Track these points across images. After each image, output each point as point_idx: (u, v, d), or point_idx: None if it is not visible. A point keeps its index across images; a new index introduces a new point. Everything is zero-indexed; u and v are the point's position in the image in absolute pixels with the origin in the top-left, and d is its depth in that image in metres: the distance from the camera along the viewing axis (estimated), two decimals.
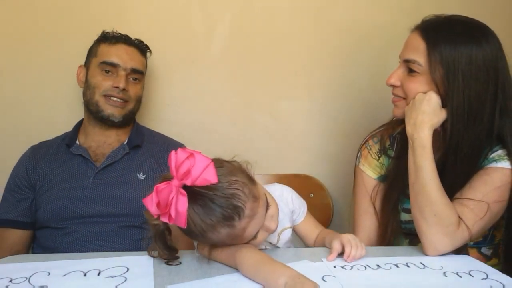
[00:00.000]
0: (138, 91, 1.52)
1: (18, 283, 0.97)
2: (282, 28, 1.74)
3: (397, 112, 1.25)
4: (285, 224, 1.16)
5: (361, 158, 1.37)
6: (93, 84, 1.47)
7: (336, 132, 1.80)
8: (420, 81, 1.17)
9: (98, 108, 1.47)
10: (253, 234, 1.00)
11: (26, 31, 1.67)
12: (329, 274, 1.00)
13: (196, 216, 0.93)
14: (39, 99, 1.71)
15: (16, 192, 1.47)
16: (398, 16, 1.69)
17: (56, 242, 1.40)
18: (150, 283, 0.96)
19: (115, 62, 1.46)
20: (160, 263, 1.06)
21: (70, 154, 1.48)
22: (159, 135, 1.60)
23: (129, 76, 1.49)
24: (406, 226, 1.30)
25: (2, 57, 1.68)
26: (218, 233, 0.95)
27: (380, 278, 1.00)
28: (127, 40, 1.51)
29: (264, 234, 1.04)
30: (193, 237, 1.02)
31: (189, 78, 1.74)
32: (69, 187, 1.43)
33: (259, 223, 0.99)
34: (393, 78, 1.22)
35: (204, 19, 1.72)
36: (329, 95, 1.78)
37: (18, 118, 1.71)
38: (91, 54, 1.52)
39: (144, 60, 1.56)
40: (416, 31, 1.19)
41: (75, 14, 1.68)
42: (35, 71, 1.69)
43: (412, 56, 1.17)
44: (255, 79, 1.75)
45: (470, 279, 0.99)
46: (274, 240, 1.15)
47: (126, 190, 1.43)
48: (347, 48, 1.76)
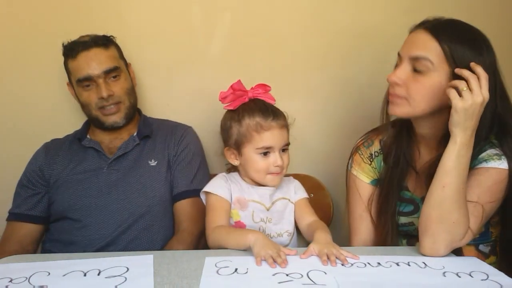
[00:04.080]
0: (123, 85, 1.52)
1: (18, 283, 0.97)
2: (282, 28, 1.74)
3: (396, 111, 1.21)
4: (283, 195, 1.33)
5: (353, 164, 1.37)
6: (83, 102, 1.51)
7: (336, 132, 1.80)
8: (426, 80, 1.14)
9: (100, 121, 1.51)
10: (268, 142, 1.25)
11: (26, 30, 1.68)
12: (325, 270, 1.02)
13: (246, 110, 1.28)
14: (41, 99, 1.71)
15: (28, 188, 1.52)
16: (398, 16, 1.69)
17: (72, 235, 1.42)
18: (150, 283, 0.96)
19: (87, 75, 1.46)
20: (160, 263, 1.07)
21: (82, 148, 1.52)
22: (166, 121, 1.64)
23: (107, 78, 1.48)
24: (402, 228, 1.30)
25: (4, 57, 1.69)
26: (251, 119, 1.25)
27: (377, 276, 1.00)
28: (84, 45, 1.47)
29: (274, 157, 1.25)
30: (230, 128, 1.29)
31: (189, 78, 1.74)
32: (84, 178, 1.47)
33: (274, 139, 1.25)
34: (396, 76, 1.17)
35: (204, 19, 1.72)
36: (329, 95, 1.78)
37: (20, 119, 1.72)
38: (67, 72, 1.54)
39: (113, 51, 1.52)
40: (423, 30, 1.16)
41: (75, 14, 1.68)
42: (36, 71, 1.70)
43: (422, 53, 1.14)
44: (255, 79, 1.74)
45: (469, 280, 0.98)
46: (267, 202, 1.29)
47: (139, 177, 1.47)
48: (347, 48, 1.76)
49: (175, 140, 1.55)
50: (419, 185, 1.28)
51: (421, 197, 1.27)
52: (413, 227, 1.28)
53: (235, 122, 1.28)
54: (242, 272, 1.02)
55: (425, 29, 1.16)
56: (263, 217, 1.29)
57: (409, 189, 1.30)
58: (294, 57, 1.75)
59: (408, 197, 1.30)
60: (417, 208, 1.28)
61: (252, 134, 1.26)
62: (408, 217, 1.29)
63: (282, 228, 1.31)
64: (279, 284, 0.95)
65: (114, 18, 1.69)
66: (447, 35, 1.13)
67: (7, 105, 1.72)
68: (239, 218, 1.28)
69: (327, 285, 0.95)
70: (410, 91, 1.16)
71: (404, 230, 1.30)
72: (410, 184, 1.30)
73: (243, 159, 1.29)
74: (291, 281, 0.97)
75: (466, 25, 1.18)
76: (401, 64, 1.18)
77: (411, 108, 1.18)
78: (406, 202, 1.29)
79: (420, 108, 1.17)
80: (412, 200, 1.29)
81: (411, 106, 1.17)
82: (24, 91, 1.71)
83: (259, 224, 1.28)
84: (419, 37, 1.16)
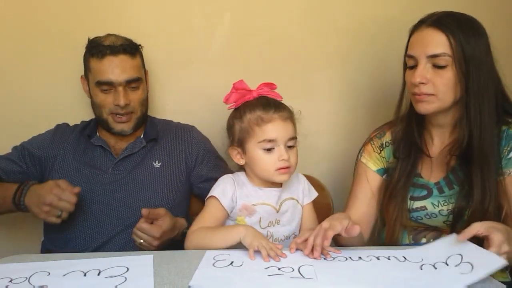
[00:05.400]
0: (140, 96, 1.51)
1: (18, 283, 0.97)
2: (282, 28, 1.74)
3: (427, 108, 1.24)
4: (290, 195, 1.31)
5: (363, 153, 1.42)
6: (97, 103, 1.50)
7: (336, 132, 1.80)
8: (449, 73, 1.20)
9: (109, 126, 1.51)
10: (270, 135, 1.21)
11: (27, 29, 1.68)
12: (308, 264, 1.05)
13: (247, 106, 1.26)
14: (41, 96, 1.71)
15: (16, 163, 1.51)
16: (398, 15, 1.69)
17: (70, 231, 1.42)
18: (150, 283, 0.96)
19: (109, 81, 1.45)
20: (160, 263, 1.07)
21: (91, 144, 1.53)
22: (171, 123, 1.65)
23: (127, 87, 1.47)
24: (413, 214, 1.31)
25: (5, 54, 1.69)
26: (252, 113, 1.23)
27: (356, 269, 1.03)
28: (113, 50, 1.44)
29: (279, 151, 1.21)
30: (232, 126, 1.28)
31: (189, 78, 1.74)
32: (89, 174, 1.47)
33: (277, 131, 1.21)
34: (421, 76, 1.21)
35: (204, 19, 1.72)
36: (329, 95, 1.79)
37: (20, 116, 1.72)
38: (86, 67, 1.51)
39: (138, 61, 1.52)
40: (430, 27, 1.21)
41: (76, 13, 1.68)
42: (36, 68, 1.70)
43: (440, 50, 1.19)
44: (255, 79, 1.74)
45: (443, 270, 1.00)
46: (275, 203, 1.27)
47: (143, 178, 1.48)
48: (347, 48, 1.76)
49: (188, 143, 1.57)
50: (434, 170, 1.32)
51: (434, 182, 1.31)
52: (425, 211, 1.30)
53: (237, 119, 1.26)
54: (237, 265, 1.05)
55: (431, 26, 1.22)
56: (271, 220, 1.27)
57: (422, 175, 1.33)
58: (294, 57, 1.75)
59: (422, 183, 1.32)
60: (430, 193, 1.30)
61: (254, 128, 1.22)
62: (421, 201, 1.31)
63: (291, 231, 1.29)
64: (269, 277, 0.98)
65: (114, 18, 1.69)
66: (453, 27, 1.19)
67: (11, 101, 1.72)
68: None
69: (314, 279, 0.98)
70: (437, 87, 1.21)
71: (414, 216, 1.31)
72: (424, 171, 1.33)
73: (248, 157, 1.26)
74: (281, 274, 0.99)
75: (461, 14, 1.24)
76: (420, 64, 1.22)
77: (440, 103, 1.23)
78: (419, 187, 1.32)
79: (449, 100, 1.23)
80: (425, 186, 1.32)
81: (441, 100, 1.23)
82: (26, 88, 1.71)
83: (266, 230, 1.26)
84: (429, 35, 1.22)
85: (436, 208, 1.29)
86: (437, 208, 1.29)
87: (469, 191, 1.23)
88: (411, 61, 1.25)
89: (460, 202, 1.24)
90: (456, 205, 1.25)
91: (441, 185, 1.30)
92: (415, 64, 1.24)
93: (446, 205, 1.27)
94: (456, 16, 1.23)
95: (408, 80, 1.27)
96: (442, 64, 1.20)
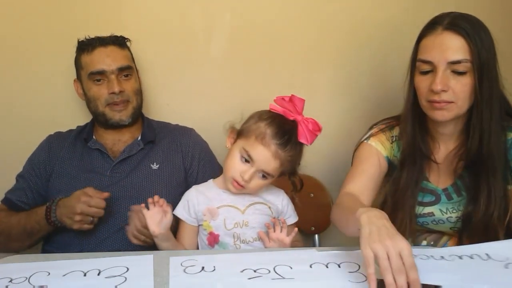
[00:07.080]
0: (133, 85, 1.53)
1: (18, 283, 0.97)
2: (282, 28, 1.74)
3: (447, 116, 1.20)
4: (263, 200, 1.31)
5: (371, 137, 1.36)
6: (92, 97, 1.51)
7: (337, 132, 1.79)
8: (468, 79, 1.16)
9: (106, 118, 1.51)
10: (256, 154, 1.21)
11: (26, 30, 1.68)
12: (290, 265, 1.05)
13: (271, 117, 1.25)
14: (39, 98, 1.71)
15: (30, 180, 1.51)
16: (398, 15, 1.69)
17: (69, 234, 1.41)
18: (150, 283, 0.96)
19: (101, 69, 1.47)
20: (160, 263, 1.07)
21: (87, 148, 1.53)
22: (169, 125, 1.65)
23: (119, 76, 1.50)
24: (420, 219, 1.30)
25: (3, 57, 1.69)
26: (265, 127, 1.22)
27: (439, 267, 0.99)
28: (102, 41, 1.50)
29: (249, 171, 1.22)
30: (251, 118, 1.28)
31: (188, 78, 1.74)
32: (87, 178, 1.47)
33: (260, 158, 1.21)
34: (442, 83, 1.16)
35: (204, 19, 1.72)
36: (329, 95, 1.78)
37: (18, 118, 1.72)
38: (78, 67, 1.54)
39: (127, 52, 1.55)
40: (448, 31, 1.16)
41: (74, 14, 1.68)
42: (34, 70, 1.70)
43: (461, 56, 1.15)
44: (255, 79, 1.75)
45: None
46: (240, 205, 1.29)
47: (141, 180, 1.48)
48: (347, 48, 1.75)
49: (185, 144, 1.56)
50: (441, 175, 1.30)
51: (442, 188, 1.29)
52: (432, 217, 1.29)
53: (254, 119, 1.26)
54: (209, 270, 1.03)
55: (448, 30, 1.17)
56: (238, 222, 1.27)
57: (430, 180, 1.31)
58: (294, 57, 1.75)
59: (431, 188, 1.31)
60: (438, 199, 1.29)
61: (251, 137, 1.23)
62: (429, 207, 1.30)
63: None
64: (249, 280, 0.98)
65: (114, 18, 1.68)
66: (469, 31, 1.15)
67: (5, 105, 1.72)
68: (211, 229, 1.27)
69: (295, 279, 0.98)
70: (457, 94, 1.17)
71: (421, 222, 1.30)
72: (432, 176, 1.31)
73: (231, 150, 1.27)
74: (260, 276, 0.99)
75: (469, 15, 1.20)
76: (439, 70, 1.17)
77: (458, 110, 1.20)
78: (428, 192, 1.30)
79: (465, 107, 1.20)
80: (434, 191, 1.30)
81: (459, 107, 1.19)
82: (24, 90, 1.71)
83: (233, 231, 1.26)
84: (448, 39, 1.16)
85: (444, 214, 1.28)
86: (445, 215, 1.28)
87: (476, 197, 1.21)
88: (425, 66, 1.19)
89: (469, 208, 1.23)
90: (465, 212, 1.24)
91: (449, 192, 1.29)
92: (430, 70, 1.19)
93: (455, 212, 1.27)
94: (468, 18, 1.19)
95: (422, 86, 1.21)
96: (463, 70, 1.15)
